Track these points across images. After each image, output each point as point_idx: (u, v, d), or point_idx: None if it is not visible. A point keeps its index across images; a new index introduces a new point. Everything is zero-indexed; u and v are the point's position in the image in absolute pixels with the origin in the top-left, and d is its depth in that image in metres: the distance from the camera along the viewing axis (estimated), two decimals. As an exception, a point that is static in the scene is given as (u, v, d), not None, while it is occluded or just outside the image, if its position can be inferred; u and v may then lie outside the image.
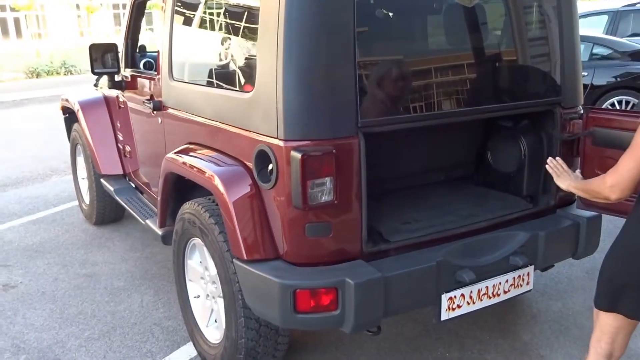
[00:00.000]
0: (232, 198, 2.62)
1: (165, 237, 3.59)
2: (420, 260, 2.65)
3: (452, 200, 3.19)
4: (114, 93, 4.75)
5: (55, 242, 5.17)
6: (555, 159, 2.74)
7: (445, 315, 2.73)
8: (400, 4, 2.80)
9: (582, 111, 3.20)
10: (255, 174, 2.60)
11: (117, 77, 4.46)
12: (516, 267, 2.89)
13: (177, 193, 3.37)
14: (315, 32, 2.39)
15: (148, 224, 3.91)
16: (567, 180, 2.65)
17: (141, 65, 4.53)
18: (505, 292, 2.91)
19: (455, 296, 2.73)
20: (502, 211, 3.07)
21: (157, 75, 3.68)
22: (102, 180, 4.96)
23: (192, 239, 3.16)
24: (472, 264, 2.77)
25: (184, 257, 3.31)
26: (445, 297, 2.70)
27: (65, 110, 5.58)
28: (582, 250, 3.16)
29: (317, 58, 2.40)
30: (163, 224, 3.55)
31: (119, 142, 4.87)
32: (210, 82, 3.18)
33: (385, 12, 2.65)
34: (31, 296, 4.17)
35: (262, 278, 2.52)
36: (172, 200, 3.41)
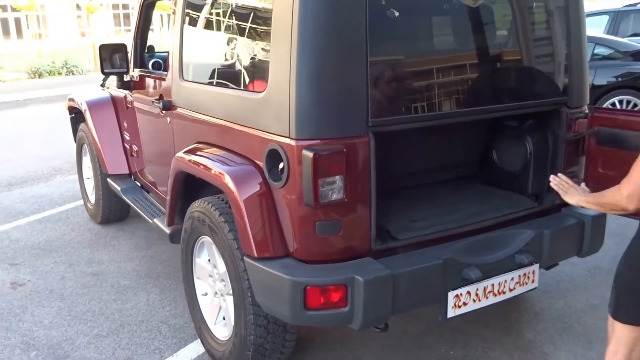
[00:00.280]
0: (243, 196, 2.65)
1: (173, 236, 3.63)
2: (427, 258, 2.68)
3: (458, 199, 3.22)
4: (121, 93, 4.79)
5: (61, 240, 5.21)
6: (557, 175, 2.66)
7: (451, 313, 2.76)
8: (410, 5, 2.84)
9: (587, 111, 3.24)
10: (266, 172, 2.63)
11: (126, 77, 4.48)
12: (522, 265, 2.92)
13: (185, 192, 3.40)
14: (328, 33, 2.43)
15: (156, 222, 3.94)
16: (575, 195, 2.56)
17: (150, 66, 4.57)
18: (510, 290, 2.94)
19: (462, 294, 2.76)
20: (508, 210, 3.10)
21: (167, 75, 3.70)
22: (108, 179, 4.99)
23: (201, 237, 3.19)
24: (478, 261, 2.80)
25: (192, 255, 3.34)
26: (451, 295, 2.73)
27: (72, 110, 5.62)
28: (587, 249, 3.19)
29: (329, 58, 2.44)
30: (171, 222, 3.58)
31: (125, 141, 4.90)
32: (221, 83, 3.20)
33: (395, 13, 2.69)
34: (39, 294, 4.20)
35: (272, 275, 2.55)
36: (180, 199, 3.44)
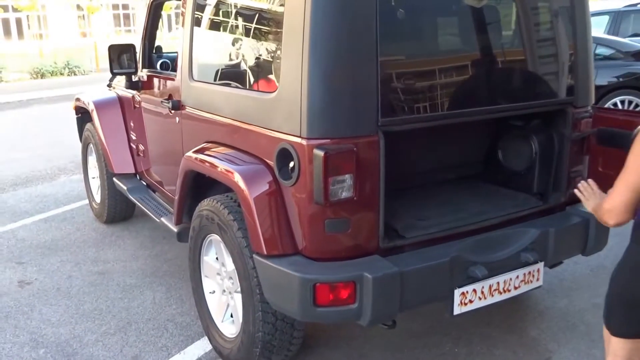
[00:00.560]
0: (253, 194, 2.69)
1: (180, 234, 3.66)
2: (434, 256, 2.72)
3: (464, 198, 3.25)
4: (128, 93, 4.82)
5: (67, 240, 5.24)
6: (587, 181, 2.51)
7: (457, 310, 2.80)
8: (419, 6, 2.87)
9: (591, 110, 3.28)
10: (277, 171, 2.67)
11: (134, 78, 4.51)
12: (527, 264, 2.96)
13: (193, 191, 3.44)
14: (339, 34, 2.46)
15: (163, 221, 3.97)
16: (593, 201, 2.40)
17: (158, 66, 4.60)
18: (515, 288, 2.97)
19: (468, 291, 2.80)
20: (513, 208, 3.13)
21: (177, 75, 3.73)
22: (114, 179, 5.02)
23: (209, 236, 3.22)
24: (484, 259, 2.84)
25: (200, 254, 3.37)
26: (457, 292, 2.77)
27: (78, 110, 5.65)
28: (591, 247, 3.22)
29: (340, 59, 2.48)
30: (179, 221, 3.61)
31: (131, 141, 4.93)
32: (232, 83, 3.24)
33: (405, 13, 2.72)
34: (46, 292, 4.23)
35: (282, 272, 2.58)
36: (189, 198, 3.47)
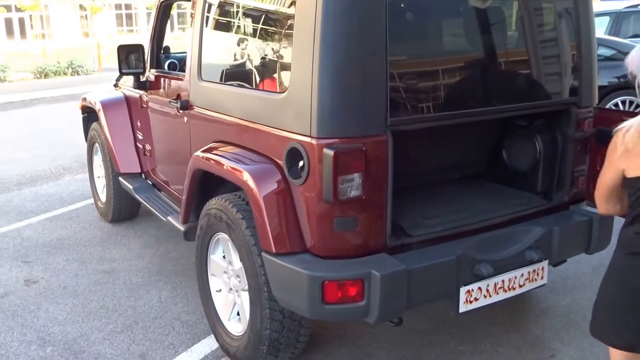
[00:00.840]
0: (262, 193, 2.72)
1: (187, 233, 3.68)
2: (440, 254, 2.75)
3: (469, 197, 3.28)
4: (135, 93, 4.85)
5: (72, 239, 5.26)
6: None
7: (463, 308, 2.83)
8: (427, 7, 2.91)
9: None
10: (286, 170, 2.70)
11: (142, 78, 4.54)
12: (531, 262, 2.99)
13: (201, 190, 3.47)
14: (349, 35, 2.50)
15: (170, 220, 4.00)
16: None
17: (165, 66, 4.63)
18: (520, 286, 3.00)
19: (473, 289, 2.83)
20: (518, 207, 3.16)
21: (185, 75, 3.76)
22: (120, 178, 5.05)
23: (216, 234, 3.25)
24: (490, 258, 2.87)
25: (207, 252, 3.40)
26: (463, 290, 2.80)
27: (85, 110, 5.69)
28: (595, 246, 3.26)
29: (350, 60, 2.52)
30: (186, 220, 3.64)
31: (138, 141, 4.96)
32: (241, 83, 3.27)
33: (413, 15, 2.76)
34: (53, 291, 4.25)
35: (290, 270, 2.61)
36: (196, 197, 3.50)
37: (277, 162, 2.78)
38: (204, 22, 3.54)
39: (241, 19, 3.35)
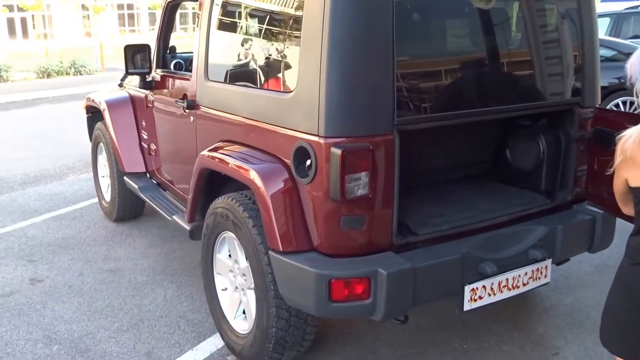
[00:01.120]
0: (269, 192, 2.74)
1: (193, 232, 3.71)
2: (446, 253, 2.78)
3: (473, 196, 3.31)
4: (140, 92, 4.87)
5: (77, 238, 5.28)
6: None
7: (467, 306, 2.86)
8: (433, 8, 2.94)
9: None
10: (293, 169, 2.72)
11: (148, 77, 4.55)
12: (535, 260, 3.01)
13: (207, 189, 3.49)
14: (356, 35, 2.53)
15: (175, 219, 4.02)
16: None
17: (172, 66, 4.65)
18: (524, 285, 3.03)
19: (478, 287, 2.85)
20: (522, 206, 3.19)
21: (192, 75, 3.78)
22: (125, 178, 5.07)
23: (222, 233, 3.27)
24: (494, 256, 2.89)
25: (213, 251, 3.42)
26: (468, 288, 2.83)
27: (89, 110, 5.71)
28: (598, 244, 3.28)
29: (358, 60, 2.54)
30: (192, 219, 3.66)
31: (143, 140, 4.98)
32: (248, 83, 3.30)
33: (419, 16, 2.79)
34: (58, 290, 4.27)
35: (298, 268, 2.64)
36: (202, 197, 3.52)
37: (285, 161, 2.80)
38: (211, 23, 3.55)
39: (248, 20, 3.38)
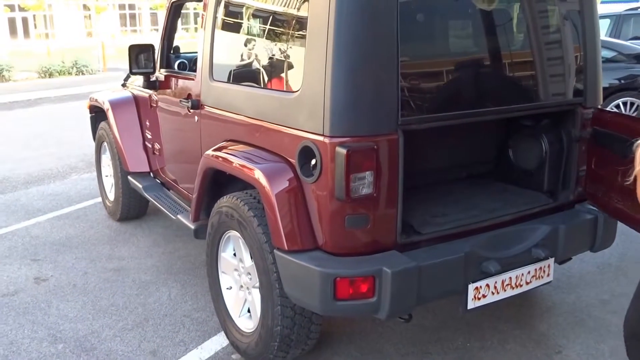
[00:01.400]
0: (275, 191, 2.76)
1: (197, 231, 3.72)
2: (449, 252, 2.80)
3: (476, 196, 3.33)
4: (144, 92, 4.89)
5: (81, 237, 5.30)
6: None
7: (471, 305, 2.88)
8: (436, 10, 2.97)
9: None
10: (298, 168, 2.74)
11: (152, 77, 4.57)
12: (538, 259, 3.04)
13: (211, 189, 3.51)
14: (361, 36, 2.55)
15: (180, 219, 4.04)
16: None
17: (175, 66, 4.67)
18: (527, 283, 3.05)
19: (481, 286, 2.88)
20: (524, 206, 3.21)
21: (196, 75, 3.79)
22: (129, 177, 5.08)
23: (227, 232, 3.29)
24: (497, 255, 2.92)
25: (217, 250, 3.43)
26: (471, 287, 2.85)
27: (92, 109, 5.74)
28: (600, 244, 3.31)
29: (362, 60, 2.56)
30: (197, 218, 3.68)
31: (146, 140, 5.01)
32: (253, 83, 3.32)
33: (423, 17, 2.81)
34: (63, 289, 4.29)
35: (303, 267, 2.66)
36: (206, 196, 3.54)
37: (289, 161, 2.82)
38: (215, 24, 3.57)
39: (253, 20, 3.40)
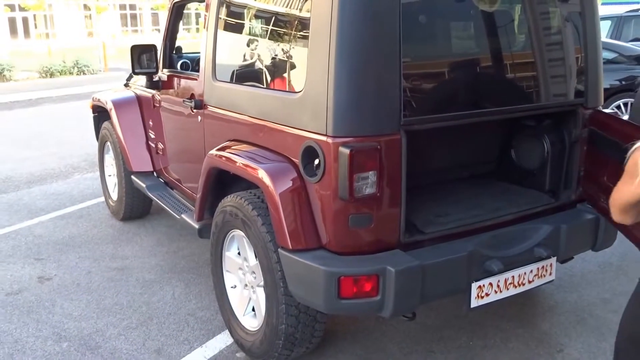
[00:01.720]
0: (278, 190, 2.78)
1: (201, 231, 3.75)
2: (452, 251, 2.82)
3: (479, 195, 3.35)
4: (146, 92, 4.91)
5: (84, 236, 5.32)
6: None
7: (474, 303, 2.90)
8: (439, 11, 2.99)
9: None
10: (302, 168, 2.76)
11: (155, 77, 4.59)
12: (540, 258, 3.05)
13: (215, 188, 3.53)
14: (364, 37, 2.57)
15: (184, 218, 4.06)
16: None
17: (178, 66, 4.69)
18: (529, 282, 3.07)
19: (484, 285, 2.90)
20: (527, 205, 3.23)
21: (199, 75, 3.81)
22: (132, 177, 5.10)
23: (231, 231, 3.31)
24: (500, 254, 2.94)
25: (222, 249, 3.45)
26: (475, 286, 2.87)
27: (95, 109, 5.76)
28: (601, 243, 3.33)
29: (365, 61, 2.58)
30: (201, 217, 3.69)
31: (150, 139, 5.02)
32: (256, 83, 3.33)
33: (426, 18, 2.83)
34: (67, 288, 4.31)
35: (307, 266, 2.68)
36: (210, 195, 3.56)
37: (293, 161, 2.84)
38: (218, 24, 3.59)
39: (256, 21, 3.42)
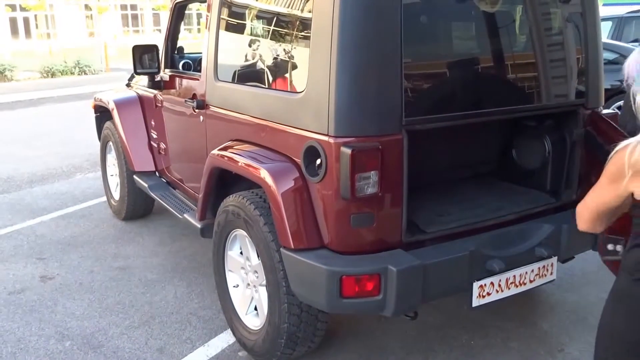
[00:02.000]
0: (280, 190, 2.79)
1: (204, 230, 3.75)
2: (454, 250, 2.83)
3: (480, 195, 3.36)
4: (148, 92, 4.92)
5: (86, 236, 5.33)
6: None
7: (476, 302, 2.91)
8: (440, 11, 3.00)
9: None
10: (304, 168, 2.77)
11: (157, 77, 4.60)
12: (541, 258, 3.06)
13: (217, 188, 3.54)
14: (365, 37, 2.58)
15: (186, 217, 4.06)
16: None
17: (180, 66, 4.70)
18: (530, 281, 3.08)
19: (486, 284, 2.91)
20: (528, 205, 3.24)
21: (201, 75, 3.82)
22: (135, 176, 5.12)
23: (234, 231, 3.32)
24: (501, 254, 2.95)
25: (224, 249, 3.47)
26: (476, 285, 2.88)
27: (97, 109, 5.77)
28: None
29: (367, 61, 2.59)
30: (203, 217, 3.71)
31: (152, 139, 5.04)
32: (258, 84, 3.35)
33: (427, 18, 2.84)
34: (69, 287, 4.32)
35: (309, 265, 2.69)
36: (212, 195, 3.58)
37: (295, 160, 2.85)
38: (220, 25, 3.60)
39: (258, 21, 3.43)
